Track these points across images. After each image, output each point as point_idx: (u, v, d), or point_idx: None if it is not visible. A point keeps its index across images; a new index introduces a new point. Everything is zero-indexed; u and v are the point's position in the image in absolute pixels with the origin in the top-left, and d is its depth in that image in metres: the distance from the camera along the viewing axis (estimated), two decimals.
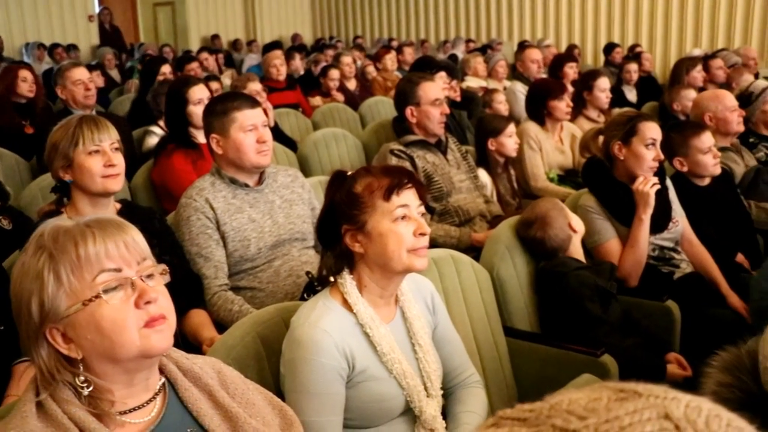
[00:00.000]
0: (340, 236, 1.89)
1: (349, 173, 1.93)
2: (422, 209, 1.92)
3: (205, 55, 9.72)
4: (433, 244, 3.25)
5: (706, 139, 3.31)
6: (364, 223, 1.85)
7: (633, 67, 7.34)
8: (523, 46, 8.65)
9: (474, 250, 3.18)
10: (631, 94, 7.24)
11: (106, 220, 1.40)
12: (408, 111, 3.75)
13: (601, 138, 3.15)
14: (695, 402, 0.69)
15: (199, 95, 3.82)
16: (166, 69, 5.58)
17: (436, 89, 3.79)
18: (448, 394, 2.10)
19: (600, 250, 3.03)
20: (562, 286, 2.66)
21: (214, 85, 5.66)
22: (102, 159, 2.46)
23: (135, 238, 1.40)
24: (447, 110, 3.79)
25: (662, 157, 3.05)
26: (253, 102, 2.85)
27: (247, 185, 2.79)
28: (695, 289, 3.06)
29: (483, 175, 4.01)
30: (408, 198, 1.87)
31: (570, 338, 2.62)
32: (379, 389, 1.86)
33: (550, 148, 4.48)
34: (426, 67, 5.08)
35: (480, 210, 3.70)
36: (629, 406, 0.67)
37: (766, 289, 1.65)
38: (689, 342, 2.87)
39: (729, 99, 3.96)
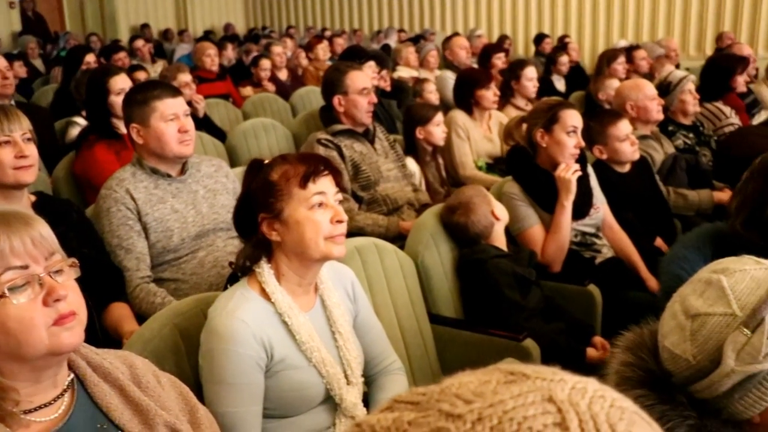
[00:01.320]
0: (257, 225, 1.88)
1: (266, 161, 1.91)
2: (339, 196, 1.92)
3: (140, 43, 9.52)
4: (361, 233, 3.27)
5: (624, 127, 3.39)
6: (281, 211, 1.84)
7: (562, 57, 7.46)
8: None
9: (402, 239, 3.19)
10: (560, 84, 7.36)
11: (11, 214, 1.35)
12: (335, 100, 3.73)
13: (524, 126, 3.19)
14: (581, 384, 0.70)
15: (120, 85, 3.72)
16: (90, 58, 5.43)
17: (364, 78, 3.79)
18: (370, 382, 2.10)
19: (524, 237, 3.07)
20: (482, 273, 2.69)
21: (142, 75, 5.55)
22: (13, 150, 2.38)
23: (42, 232, 1.35)
24: (374, 99, 3.79)
25: (583, 144, 3.11)
26: (174, 91, 2.80)
27: (169, 175, 2.75)
28: (616, 273, 3.14)
29: (411, 163, 4.03)
30: (324, 185, 1.87)
31: (493, 323, 2.66)
32: (298, 378, 1.86)
33: (478, 136, 4.51)
34: (355, 56, 5.08)
35: (408, 198, 3.72)
36: (515, 390, 0.68)
37: (673, 271, 1.70)
38: (610, 325, 2.94)
39: (649, 88, 4.06)
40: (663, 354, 1.20)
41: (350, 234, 2.79)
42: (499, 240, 2.80)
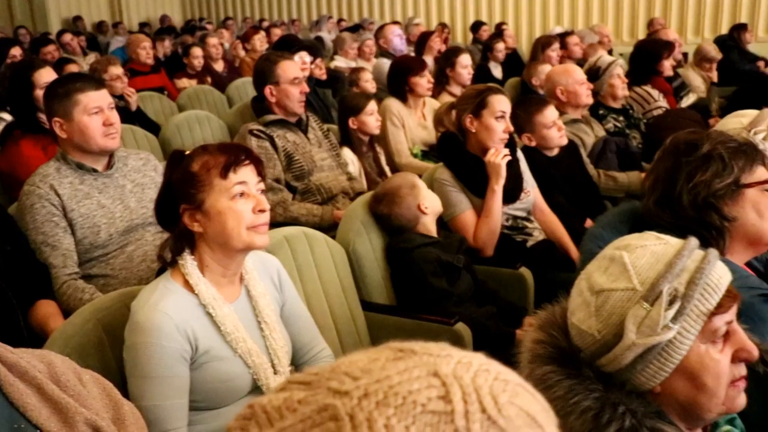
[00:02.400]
0: (179, 216, 1.86)
1: (187, 152, 1.89)
2: (262, 186, 1.91)
3: (68, 37, 9.30)
4: (296, 223, 3.25)
5: (549, 114, 3.44)
6: (202, 201, 1.83)
7: (499, 45, 7.53)
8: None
9: (337, 228, 3.19)
10: (497, 71, 7.42)
11: None
12: (267, 90, 3.70)
13: (453, 112, 3.21)
14: (467, 359, 0.71)
15: (45, 79, 3.63)
16: (16, 51, 5.32)
17: (295, 68, 3.76)
18: (300, 371, 2.10)
19: (456, 222, 3.10)
20: (407, 262, 2.72)
21: (73, 68, 5.42)
22: None
23: None
24: (306, 89, 3.77)
25: (512, 128, 3.14)
26: (97, 83, 2.75)
27: (95, 170, 2.70)
28: (547, 255, 3.19)
29: (347, 153, 4.02)
30: (246, 175, 1.86)
31: (425, 309, 2.68)
32: (224, 369, 1.85)
33: (413, 124, 4.53)
34: (287, 46, 5.04)
35: (343, 187, 3.71)
36: (401, 365, 0.69)
37: (590, 250, 1.72)
38: (542, 306, 2.98)
39: (578, 73, 4.13)
40: (571, 331, 1.22)
41: (285, 225, 2.79)
42: (428, 228, 2.81)
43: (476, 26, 9.66)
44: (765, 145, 2.27)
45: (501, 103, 3.09)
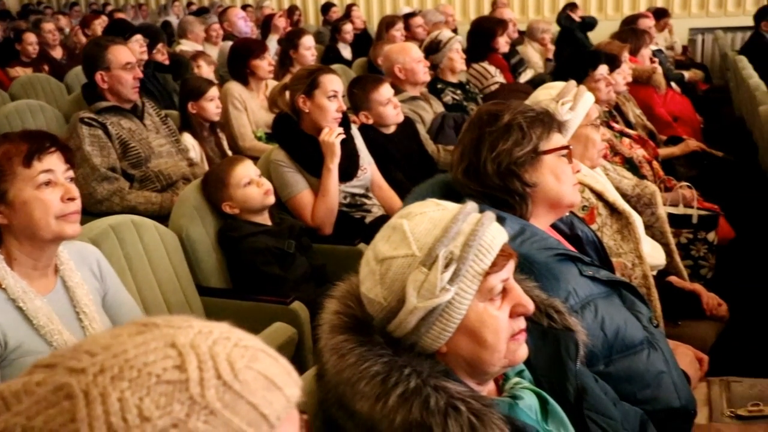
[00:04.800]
0: None
1: None
2: (71, 173, 1.85)
3: None
4: (135, 212, 3.17)
5: (385, 92, 3.51)
6: (5, 192, 1.76)
7: (347, 26, 7.57)
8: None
9: None
10: (347, 52, 7.47)
11: None
12: (98, 76, 3.57)
13: (287, 93, 3.21)
14: (208, 328, 0.73)
15: None
16: None
17: (126, 53, 3.65)
18: None
19: (293, 203, 3.11)
20: (238, 251, 2.72)
21: None
22: None
23: None
24: (140, 74, 3.66)
25: (345, 107, 3.18)
26: None
27: None
28: None
29: (188, 139, 3.94)
30: (52, 162, 1.80)
31: (262, 290, 2.69)
32: None
33: (256, 107, 4.50)
34: (120, 31, 4.87)
35: (183, 173, 3.65)
36: (139, 339, 0.69)
37: None
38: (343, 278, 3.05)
39: (415, 51, 4.22)
40: (363, 300, 1.26)
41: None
42: (257, 216, 2.81)
43: (326, 8, 9.68)
44: (571, 114, 2.42)
45: (333, 83, 3.12)
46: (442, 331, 1.21)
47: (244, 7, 9.90)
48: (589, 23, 7.73)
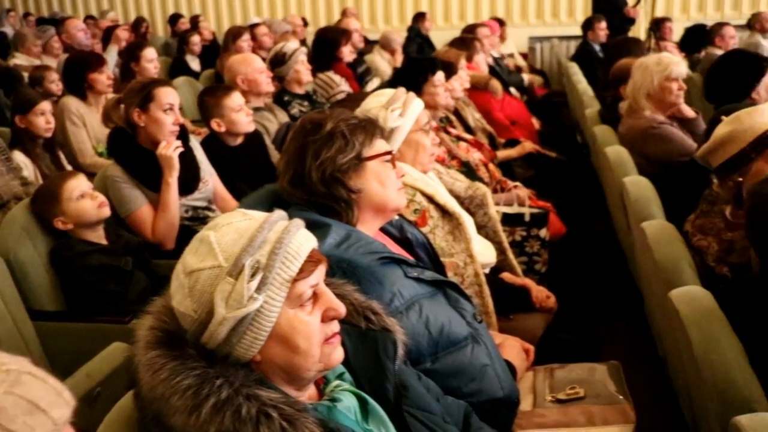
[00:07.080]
0: None
1: None
2: None
3: None
4: None
5: (236, 98, 3.52)
6: None
7: (194, 37, 7.45)
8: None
9: None
10: (195, 63, 7.34)
11: None
12: None
13: (121, 107, 3.13)
14: None
15: None
16: None
17: None
18: None
19: (132, 219, 3.04)
20: (71, 271, 2.64)
21: None
22: None
23: None
24: None
25: (182, 120, 3.14)
26: None
27: None
28: None
29: (19, 156, 3.76)
30: None
31: (101, 310, 2.61)
32: None
33: (96, 122, 4.35)
34: None
35: (15, 193, 3.47)
36: None
37: None
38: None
39: (257, 62, 4.22)
40: (176, 313, 1.26)
41: None
42: (93, 232, 2.73)
43: (173, 19, 9.49)
44: (401, 120, 2.49)
45: (168, 96, 3.07)
46: (253, 339, 1.22)
47: (88, 19, 9.56)
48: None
